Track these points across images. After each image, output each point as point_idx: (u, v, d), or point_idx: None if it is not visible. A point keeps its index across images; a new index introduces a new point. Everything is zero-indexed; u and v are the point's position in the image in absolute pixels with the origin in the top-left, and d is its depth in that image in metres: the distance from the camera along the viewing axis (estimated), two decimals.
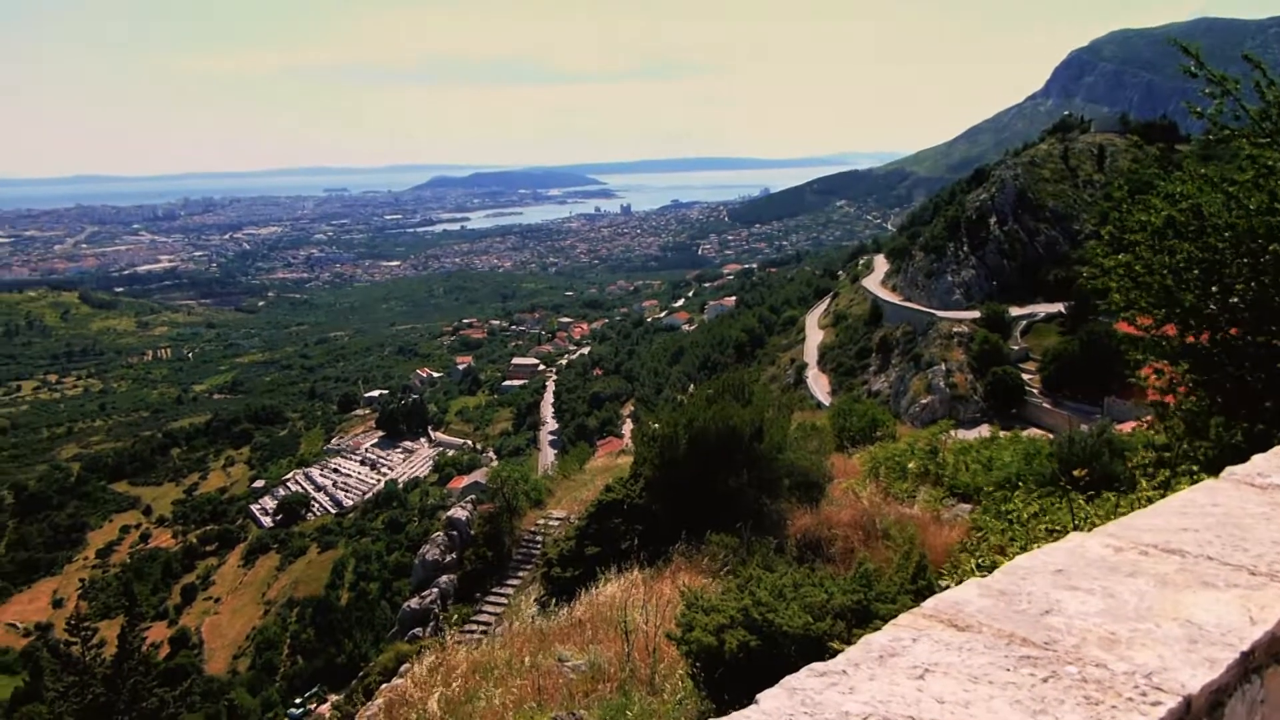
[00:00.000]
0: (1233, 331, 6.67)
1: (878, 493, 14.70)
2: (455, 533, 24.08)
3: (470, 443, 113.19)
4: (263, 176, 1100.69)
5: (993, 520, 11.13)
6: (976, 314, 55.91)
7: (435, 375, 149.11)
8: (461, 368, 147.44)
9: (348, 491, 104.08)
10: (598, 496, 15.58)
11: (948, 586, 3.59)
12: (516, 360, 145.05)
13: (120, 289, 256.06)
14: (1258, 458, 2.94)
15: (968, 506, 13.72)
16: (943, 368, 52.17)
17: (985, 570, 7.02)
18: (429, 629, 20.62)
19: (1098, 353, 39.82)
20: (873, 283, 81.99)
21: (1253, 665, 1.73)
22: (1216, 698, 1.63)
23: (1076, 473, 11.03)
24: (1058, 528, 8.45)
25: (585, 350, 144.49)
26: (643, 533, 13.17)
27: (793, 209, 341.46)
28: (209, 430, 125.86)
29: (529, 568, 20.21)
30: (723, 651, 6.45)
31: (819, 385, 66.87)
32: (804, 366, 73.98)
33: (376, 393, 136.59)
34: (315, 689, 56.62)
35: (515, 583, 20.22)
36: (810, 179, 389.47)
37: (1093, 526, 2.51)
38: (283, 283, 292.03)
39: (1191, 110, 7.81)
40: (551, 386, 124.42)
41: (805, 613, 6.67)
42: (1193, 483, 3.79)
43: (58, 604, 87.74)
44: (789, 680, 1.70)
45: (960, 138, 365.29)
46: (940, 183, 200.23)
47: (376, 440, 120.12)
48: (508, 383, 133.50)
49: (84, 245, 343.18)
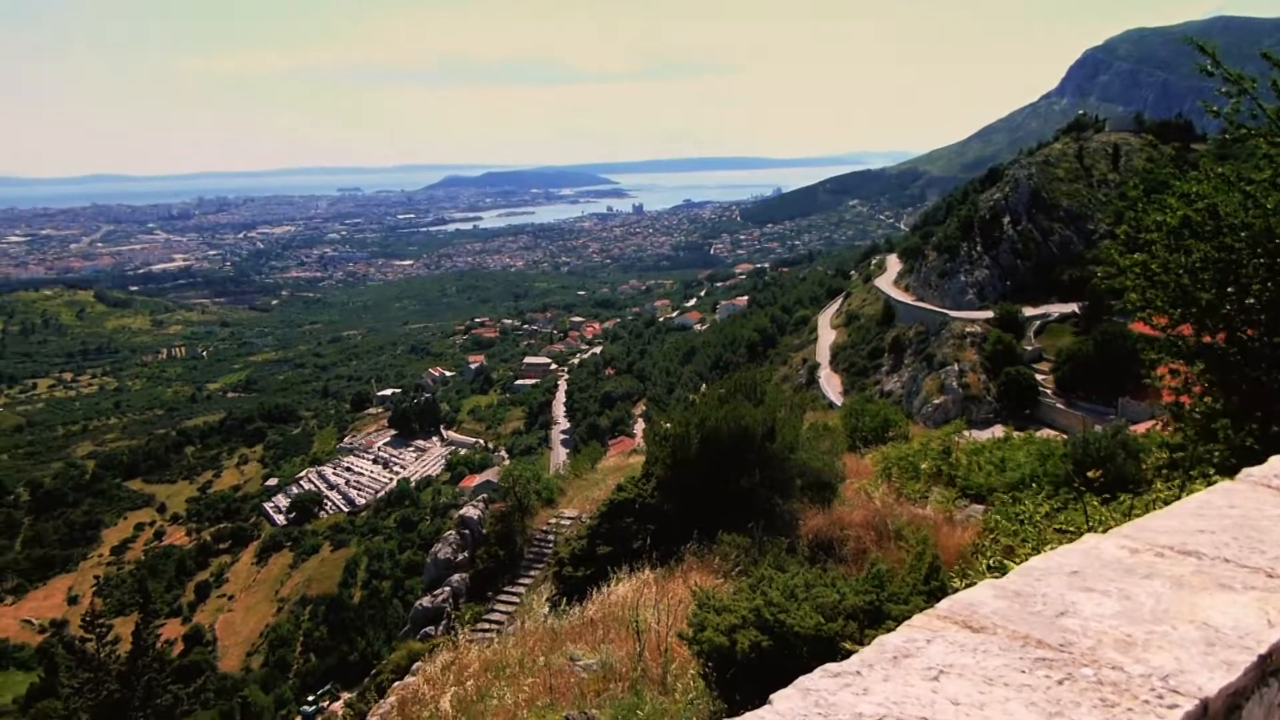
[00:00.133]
0: (1249, 332, 6.63)
1: (890, 493, 14.66)
2: (467, 531, 24.16)
3: (482, 441, 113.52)
4: (276, 176, 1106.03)
5: (1005, 522, 11.08)
6: (990, 314, 55.59)
7: (447, 374, 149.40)
8: (474, 367, 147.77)
9: (360, 490, 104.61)
10: (609, 496, 15.58)
11: (962, 588, 3.58)
12: (528, 359, 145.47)
13: (135, 288, 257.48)
14: (1275, 459, 2.92)
15: (981, 507, 13.66)
16: (956, 368, 51.93)
17: (994, 571, 6.99)
18: (441, 627, 20.69)
19: (1112, 353, 39.59)
20: (885, 282, 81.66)
21: (1270, 668, 1.72)
22: (1233, 701, 1.62)
23: (1091, 474, 10.96)
24: (1070, 529, 8.40)
25: (597, 349, 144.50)
26: (654, 532, 13.15)
27: (805, 208, 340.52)
28: (223, 428, 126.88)
29: (540, 567, 20.25)
30: (734, 652, 6.44)
31: (831, 385, 66.72)
32: (816, 366, 73.80)
33: (389, 391, 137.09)
34: (328, 686, 56.75)
35: (527, 581, 20.26)
36: (823, 178, 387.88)
37: (1107, 528, 2.49)
38: (296, 281, 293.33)
39: (1208, 109, 7.76)
40: (563, 386, 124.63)
41: (817, 613, 6.65)
42: (1209, 484, 3.76)
43: (73, 601, 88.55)
44: (802, 681, 1.70)
45: (974, 137, 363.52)
46: (954, 182, 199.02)
47: (389, 439, 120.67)
48: (520, 382, 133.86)
49: (99, 244, 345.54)
